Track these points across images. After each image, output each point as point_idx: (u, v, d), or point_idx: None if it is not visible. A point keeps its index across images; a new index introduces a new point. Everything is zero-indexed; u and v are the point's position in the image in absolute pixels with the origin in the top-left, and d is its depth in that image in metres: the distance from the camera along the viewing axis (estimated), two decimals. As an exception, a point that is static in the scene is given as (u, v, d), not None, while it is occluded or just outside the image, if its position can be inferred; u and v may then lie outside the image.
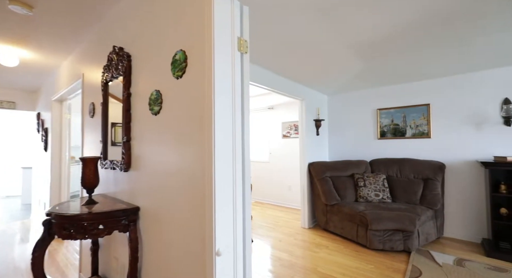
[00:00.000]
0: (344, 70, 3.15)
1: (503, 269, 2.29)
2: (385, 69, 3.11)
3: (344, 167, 3.53)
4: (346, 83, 3.70)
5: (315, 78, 3.37)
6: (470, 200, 3.03)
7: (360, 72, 3.23)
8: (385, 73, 3.27)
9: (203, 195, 1.06)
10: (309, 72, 3.13)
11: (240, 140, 1.11)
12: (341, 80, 3.55)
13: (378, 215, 2.71)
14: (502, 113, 2.83)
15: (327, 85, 3.78)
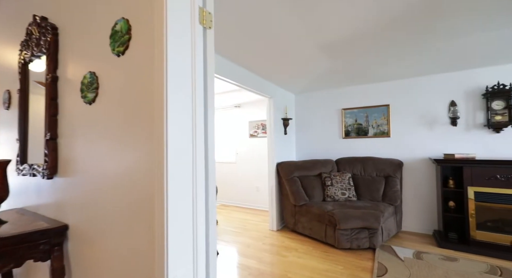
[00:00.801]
0: (312, 69, 3.10)
1: (453, 258, 2.46)
2: (350, 70, 3.15)
3: (312, 166, 3.50)
4: (313, 83, 3.69)
5: (284, 75, 3.27)
6: (424, 195, 3.25)
7: (327, 72, 3.23)
8: (349, 74, 3.32)
9: (152, 208, 0.80)
10: (278, 69, 3.00)
11: (202, 136, 0.87)
12: (309, 79, 3.52)
13: (345, 214, 2.71)
14: (450, 114, 3.09)
15: (294, 84, 3.72)
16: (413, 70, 3.13)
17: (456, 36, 2.29)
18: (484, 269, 2.25)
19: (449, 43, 2.46)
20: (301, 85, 3.83)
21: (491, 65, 2.88)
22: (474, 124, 2.98)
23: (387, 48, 2.52)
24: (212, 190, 0.90)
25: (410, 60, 2.86)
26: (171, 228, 0.74)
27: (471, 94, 3.01)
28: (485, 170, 2.65)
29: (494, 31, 2.20)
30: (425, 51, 2.62)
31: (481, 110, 2.96)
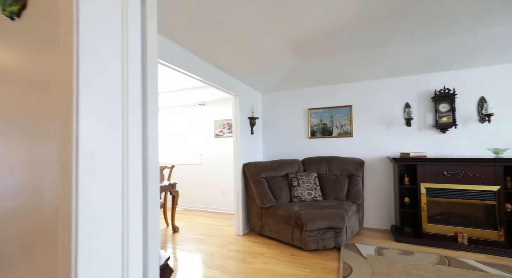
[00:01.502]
0: (279, 67, 3.02)
1: (409, 252, 2.59)
2: (316, 70, 3.16)
3: (279, 167, 3.43)
4: (279, 82, 3.62)
5: (250, 72, 3.13)
6: (383, 192, 3.42)
7: (293, 71, 3.18)
8: (315, 75, 3.33)
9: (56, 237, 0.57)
10: (244, 65, 2.85)
11: (138, 136, 0.66)
12: (275, 78, 3.44)
13: (312, 214, 2.68)
14: (405, 115, 3.29)
15: (261, 82, 3.61)
16: (374, 73, 3.26)
17: (411, 43, 2.42)
18: (435, 260, 2.40)
19: (405, 50, 2.59)
20: (268, 84, 3.74)
21: (439, 71, 3.14)
22: (425, 125, 3.22)
23: (352, 50, 2.55)
24: (153, 206, 0.70)
25: (371, 64, 2.96)
26: (83, 263, 0.52)
27: (422, 97, 3.25)
28: (435, 167, 2.86)
29: (442, 39, 2.36)
30: (384, 56, 2.74)
31: (430, 112, 3.20)
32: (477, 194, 2.71)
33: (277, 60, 2.81)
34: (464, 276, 2.12)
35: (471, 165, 2.71)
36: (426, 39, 2.35)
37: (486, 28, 2.16)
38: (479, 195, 2.71)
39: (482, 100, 2.99)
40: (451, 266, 2.29)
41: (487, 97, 2.96)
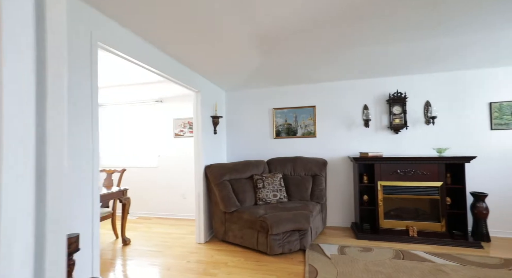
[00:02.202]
0: (244, 64, 2.87)
1: (369, 249, 2.69)
2: (281, 69, 3.09)
3: (244, 168, 3.28)
4: (244, 79, 3.47)
5: (213, 68, 2.91)
6: (344, 191, 3.53)
7: (258, 69, 3.07)
8: (281, 74, 3.27)
9: None
10: (206, 59, 2.62)
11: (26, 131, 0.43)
12: (240, 75, 3.28)
13: (277, 217, 2.59)
14: (363, 117, 3.44)
15: (225, 79, 3.42)
16: (336, 74, 3.34)
17: (369, 48, 2.51)
18: (391, 255, 2.53)
19: (364, 54, 2.70)
20: (233, 82, 3.56)
21: (392, 75, 3.35)
22: (381, 126, 3.42)
23: (316, 51, 2.53)
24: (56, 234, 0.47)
25: (334, 65, 3.01)
26: None
27: (379, 99, 3.43)
28: (390, 166, 3.03)
29: (392, 47, 2.49)
30: (345, 58, 2.81)
31: (385, 114, 3.41)
32: (424, 189, 2.96)
33: (242, 55, 2.65)
34: (417, 268, 2.25)
35: (420, 163, 2.94)
36: (381, 45, 2.48)
37: (428, 40, 2.34)
38: (425, 191, 2.95)
39: (427, 104, 3.28)
40: (405, 259, 2.43)
41: (431, 101, 3.26)
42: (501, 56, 2.77)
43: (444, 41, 2.46)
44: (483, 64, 2.98)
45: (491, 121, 3.07)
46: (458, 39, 2.41)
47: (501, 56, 2.78)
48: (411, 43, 2.48)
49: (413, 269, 2.24)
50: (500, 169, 3.03)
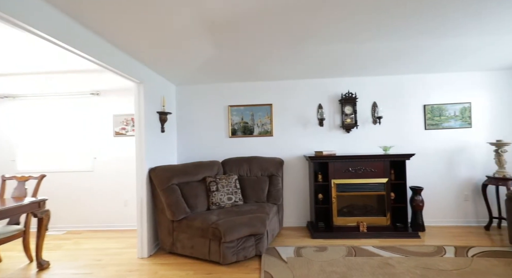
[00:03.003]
0: (194, 54, 2.58)
1: (324, 248, 2.68)
2: (236, 64, 2.91)
3: (195, 170, 2.98)
4: (196, 73, 3.17)
5: (158, 56, 2.54)
6: (300, 190, 3.51)
7: (212, 63, 2.82)
8: (236, 69, 3.08)
9: None
10: (151, 45, 2.26)
11: None
12: (192, 69, 2.97)
13: (231, 223, 2.38)
14: (318, 116, 3.48)
15: (175, 72, 3.06)
16: (292, 73, 3.29)
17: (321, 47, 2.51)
18: (345, 252, 2.55)
19: (317, 52, 2.71)
20: (184, 75, 3.22)
21: (345, 76, 3.46)
22: (334, 125, 3.50)
23: (270, 46, 2.41)
24: None
25: (289, 63, 2.96)
26: None
27: (332, 99, 3.51)
28: (342, 164, 3.10)
29: (343, 49, 2.53)
30: (300, 56, 2.78)
31: (338, 113, 3.50)
32: (372, 186, 3.10)
33: (191, 45, 2.37)
34: (367, 264, 2.30)
35: (369, 161, 3.08)
36: (332, 45, 2.52)
37: (370, 43, 2.44)
38: (374, 187, 3.10)
39: (375, 105, 3.47)
40: (357, 255, 2.47)
41: (377, 102, 3.46)
42: (434, 63, 3.08)
43: (386, 45, 2.60)
44: (419, 70, 3.28)
45: (425, 122, 3.41)
46: (395, 44, 2.57)
47: (433, 64, 3.09)
48: (358, 45, 2.58)
49: (364, 265, 2.28)
50: (433, 164, 3.38)
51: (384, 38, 2.46)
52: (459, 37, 2.52)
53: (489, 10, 2.06)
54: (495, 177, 3.02)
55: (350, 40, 2.47)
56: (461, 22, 2.23)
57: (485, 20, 2.22)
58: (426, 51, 2.78)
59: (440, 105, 3.38)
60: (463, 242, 2.77)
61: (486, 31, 2.40)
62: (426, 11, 2.03)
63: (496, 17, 2.17)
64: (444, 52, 2.80)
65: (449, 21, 2.20)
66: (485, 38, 2.55)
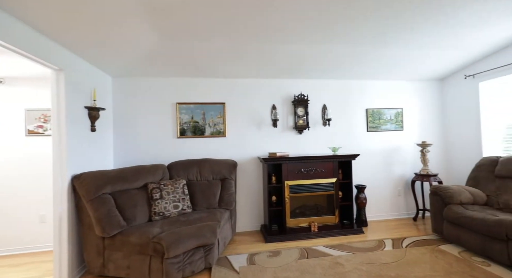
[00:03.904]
0: (134, 40, 2.22)
1: (277, 252, 2.61)
2: (184, 56, 2.64)
3: (135, 176, 2.57)
4: (139, 64, 2.77)
5: (86, 38, 2.09)
6: (254, 193, 3.40)
7: (157, 51, 2.48)
8: (185, 63, 2.80)
9: None
10: (73, 23, 1.82)
11: None
12: (132, 57, 2.57)
13: (177, 235, 2.09)
14: (272, 116, 3.43)
15: (110, 60, 2.60)
16: (246, 71, 3.17)
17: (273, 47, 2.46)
18: (297, 255, 2.52)
19: (273, 52, 2.66)
20: (123, 65, 2.77)
21: (298, 78, 3.50)
22: (287, 126, 3.50)
23: (219, 38, 2.23)
24: None
25: (240, 61, 2.85)
26: None
27: (285, 100, 3.51)
28: (295, 165, 3.11)
29: (294, 50, 2.54)
30: (254, 55, 2.70)
31: (291, 114, 3.52)
32: (323, 186, 3.19)
33: (131, 29, 2.01)
34: (319, 265, 2.31)
35: (320, 162, 3.15)
36: (286, 45, 2.51)
37: (318, 46, 2.50)
38: (324, 187, 3.19)
39: (324, 107, 3.61)
40: (309, 257, 2.47)
41: (327, 105, 3.60)
42: (376, 71, 3.35)
43: (336, 50, 2.70)
44: (363, 76, 3.53)
45: (367, 124, 3.69)
46: (344, 49, 2.70)
47: (375, 71, 3.36)
48: (310, 48, 2.62)
49: (316, 267, 2.28)
50: (374, 164, 3.68)
51: (334, 42, 2.53)
52: (396, 49, 2.77)
53: (419, 26, 2.29)
54: (421, 173, 3.45)
55: (303, 41, 2.47)
56: (399, 35, 2.44)
57: (416, 35, 2.47)
58: (370, 59, 2.98)
59: (379, 109, 3.71)
60: (398, 234, 3.06)
61: (418, 45, 2.69)
62: (371, 19, 2.13)
63: (425, 33, 2.43)
64: (384, 61, 3.06)
65: (390, 32, 2.38)
66: (415, 51, 2.86)
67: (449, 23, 2.26)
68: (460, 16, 2.16)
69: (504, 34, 2.60)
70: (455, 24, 2.30)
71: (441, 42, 2.64)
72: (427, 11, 2.05)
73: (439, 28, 2.35)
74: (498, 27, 2.40)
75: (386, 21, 2.17)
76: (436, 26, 2.31)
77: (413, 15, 2.09)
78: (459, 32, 2.45)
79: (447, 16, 2.15)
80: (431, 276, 2.06)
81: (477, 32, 2.47)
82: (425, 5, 1.96)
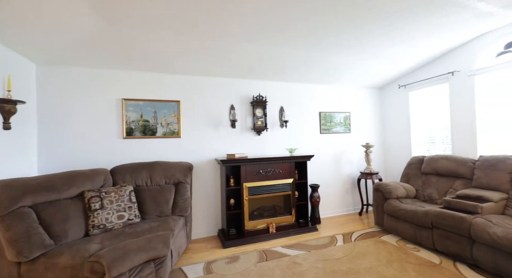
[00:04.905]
0: (66, 21, 1.86)
1: (236, 258, 2.52)
2: (132, 46, 2.35)
3: (67, 183, 2.15)
4: (73, 51, 2.35)
5: (2, 16, 1.65)
6: (211, 197, 3.24)
7: (97, 37, 2.14)
8: (132, 53, 2.50)
9: None
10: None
11: None
12: (64, 41, 2.15)
13: (121, 250, 1.81)
14: (230, 117, 3.33)
15: (33, 43, 2.13)
16: (204, 68, 3.02)
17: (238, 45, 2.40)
18: (256, 259, 2.48)
19: (231, 50, 2.58)
20: (52, 51, 2.31)
21: (257, 79, 3.49)
22: (246, 127, 3.45)
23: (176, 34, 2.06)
24: None
25: (200, 57, 2.69)
26: None
27: (244, 101, 3.46)
28: (254, 167, 3.08)
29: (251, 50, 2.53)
30: (212, 52, 2.60)
31: (250, 115, 3.48)
32: (280, 187, 3.23)
33: (63, 7, 1.67)
34: (277, 267, 2.30)
35: (277, 163, 3.19)
36: (245, 44, 2.48)
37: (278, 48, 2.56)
38: (281, 188, 3.24)
39: (282, 109, 3.68)
40: (268, 260, 2.45)
41: (284, 107, 3.69)
42: (328, 76, 3.57)
43: (294, 53, 2.77)
44: (317, 80, 3.73)
45: (320, 127, 3.91)
46: (300, 53, 2.80)
47: (328, 76, 3.58)
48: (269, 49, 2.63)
49: (274, 269, 2.26)
50: (326, 164, 3.91)
51: (292, 46, 2.59)
52: (346, 58, 3.00)
53: (364, 40, 2.52)
54: (365, 172, 3.81)
55: (262, 42, 2.45)
56: (350, 44, 2.63)
57: (362, 47, 2.71)
58: (324, 65, 3.16)
59: (331, 113, 3.97)
60: (347, 229, 3.30)
61: (363, 56, 2.97)
62: (329, 27, 2.24)
63: (370, 45, 2.69)
64: (336, 68, 3.28)
65: (343, 40, 2.55)
66: (361, 61, 3.15)
67: (385, 37, 2.54)
68: (392, 34, 2.46)
69: (428, 53, 3.06)
70: (390, 40, 2.60)
71: (380, 54, 2.96)
72: (368, 27, 2.27)
73: (377, 42, 2.63)
74: (422, 44, 2.81)
75: (341, 30, 2.31)
76: (374, 40, 2.57)
77: (358, 29, 2.29)
78: (392, 47, 2.79)
79: (383, 30, 2.41)
80: (376, 266, 2.26)
81: (407, 48, 2.85)
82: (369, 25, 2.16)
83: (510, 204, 2.38)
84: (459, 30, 2.58)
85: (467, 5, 2.10)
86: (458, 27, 2.50)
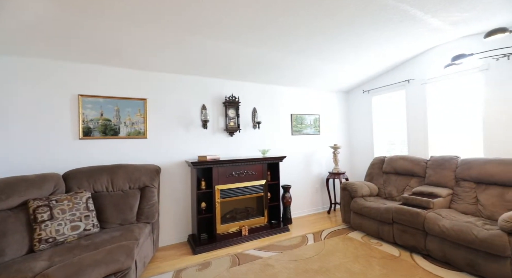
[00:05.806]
0: (11, 2, 1.59)
1: (207, 264, 2.41)
2: (92, 36, 2.11)
3: (3, 192, 1.84)
4: (20, 37, 2.03)
5: None
6: (181, 200, 3.08)
7: (48, 23, 1.87)
8: (92, 43, 2.25)
9: None
10: None
11: None
12: (8, 23, 1.84)
13: (73, 267, 1.60)
14: (202, 117, 3.21)
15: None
16: (172, 65, 2.85)
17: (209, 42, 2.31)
18: (229, 264, 2.41)
19: (202, 47, 2.49)
20: (-15, 34, 1.96)
21: (229, 79, 3.42)
22: (218, 128, 3.36)
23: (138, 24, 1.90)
24: None
25: (170, 53, 2.54)
26: None
27: (216, 101, 3.36)
28: (226, 169, 3.00)
29: (224, 49, 2.48)
30: (184, 48, 2.46)
31: (222, 116, 3.40)
32: (253, 188, 3.20)
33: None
34: (250, 270, 2.26)
35: (250, 164, 3.16)
36: (217, 41, 2.42)
37: (251, 48, 2.54)
38: (254, 190, 3.21)
39: (255, 110, 3.66)
40: (241, 264, 2.40)
41: (257, 108, 3.68)
42: (299, 79, 3.65)
43: (267, 54, 2.77)
44: (288, 82, 3.79)
45: (292, 128, 3.99)
46: (273, 54, 2.81)
47: (298, 79, 3.66)
48: (243, 49, 2.59)
49: (247, 273, 2.22)
50: (297, 165, 4.00)
51: (267, 46, 2.58)
52: (317, 61, 3.09)
53: (332, 45, 2.62)
54: (333, 172, 3.98)
55: (236, 41, 2.41)
56: (321, 47, 2.72)
57: (330, 51, 2.82)
58: (296, 67, 3.22)
59: (302, 115, 4.07)
60: (317, 227, 3.41)
61: (331, 60, 3.09)
62: (297, 28, 2.27)
63: (337, 50, 2.81)
64: (307, 71, 3.37)
65: (313, 44, 2.62)
66: (330, 65, 3.28)
67: (349, 43, 2.68)
68: (357, 40, 2.61)
69: (388, 61, 3.32)
70: (355, 46, 2.76)
71: (346, 59, 3.12)
72: (333, 31, 2.37)
73: (343, 46, 2.76)
74: (384, 52, 3.03)
75: (312, 31, 2.36)
76: (340, 44, 2.70)
77: (326, 32, 2.37)
78: (355, 53, 2.95)
79: (347, 34, 2.54)
80: (345, 263, 2.36)
81: (369, 54, 3.05)
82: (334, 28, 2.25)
83: (454, 199, 2.68)
84: (415, 42, 2.83)
85: (422, 19, 2.31)
86: (415, 39, 2.75)
